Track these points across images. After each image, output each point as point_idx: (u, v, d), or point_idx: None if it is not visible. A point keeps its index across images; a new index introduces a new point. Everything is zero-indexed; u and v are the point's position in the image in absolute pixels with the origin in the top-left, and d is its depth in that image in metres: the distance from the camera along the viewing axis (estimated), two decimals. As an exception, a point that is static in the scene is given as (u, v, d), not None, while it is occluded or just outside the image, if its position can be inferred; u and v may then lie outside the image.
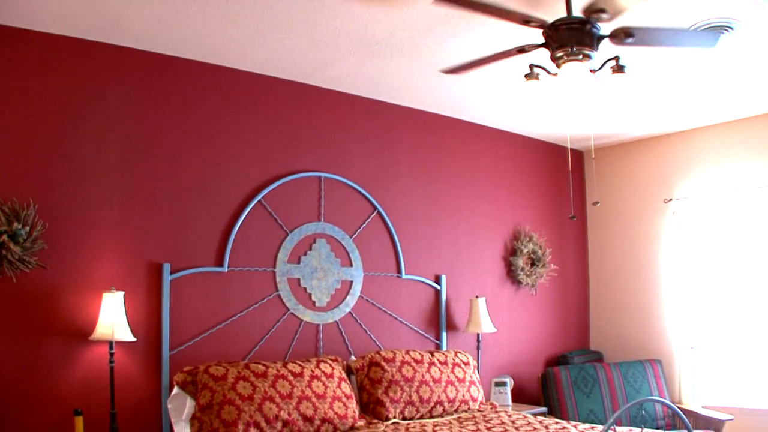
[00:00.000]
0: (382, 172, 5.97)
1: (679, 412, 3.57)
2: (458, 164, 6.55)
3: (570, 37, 3.73)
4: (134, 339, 4.43)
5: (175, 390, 4.46)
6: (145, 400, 4.66)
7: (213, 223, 5.03)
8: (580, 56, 3.75)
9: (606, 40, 3.83)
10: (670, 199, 6.91)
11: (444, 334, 6.20)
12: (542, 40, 3.90)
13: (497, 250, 6.80)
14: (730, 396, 6.50)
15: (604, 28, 3.83)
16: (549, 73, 4.01)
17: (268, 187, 5.25)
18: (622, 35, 3.75)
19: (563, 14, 3.83)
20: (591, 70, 3.86)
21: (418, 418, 5.14)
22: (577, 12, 3.82)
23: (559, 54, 3.81)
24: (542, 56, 4.09)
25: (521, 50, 4.05)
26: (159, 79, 4.88)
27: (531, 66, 4.07)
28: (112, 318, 4.28)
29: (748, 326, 6.39)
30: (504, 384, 6.10)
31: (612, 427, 4.35)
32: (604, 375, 6.36)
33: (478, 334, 6.24)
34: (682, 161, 6.88)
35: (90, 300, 4.45)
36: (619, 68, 3.92)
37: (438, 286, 6.21)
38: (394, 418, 5.00)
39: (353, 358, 5.43)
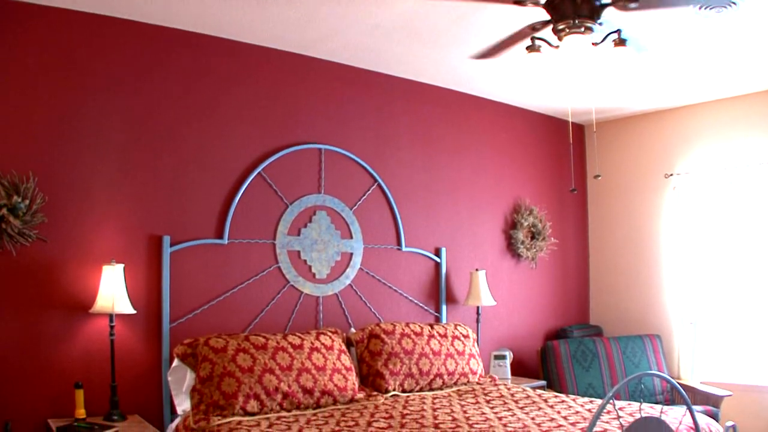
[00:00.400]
0: (383, 144, 5.95)
1: (678, 387, 3.58)
2: (459, 137, 6.53)
3: (571, 10, 3.70)
4: (134, 312, 4.43)
5: (175, 362, 4.48)
6: (146, 372, 4.68)
7: (213, 195, 5.01)
8: (582, 29, 3.72)
9: (610, 8, 3.78)
10: (671, 174, 6.89)
11: (444, 307, 6.21)
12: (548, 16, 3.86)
13: (497, 224, 6.80)
14: (728, 372, 6.52)
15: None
16: (551, 45, 3.98)
17: (269, 159, 5.23)
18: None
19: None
20: (593, 44, 3.83)
21: (417, 391, 5.15)
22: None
23: (561, 26, 3.78)
24: (545, 29, 4.06)
25: (533, 28, 4.02)
26: (159, 51, 4.84)
27: (533, 38, 4.04)
28: (112, 291, 4.28)
29: (747, 302, 6.40)
30: (503, 357, 6.12)
31: (611, 401, 4.38)
32: (604, 349, 6.38)
33: (477, 307, 6.25)
34: (684, 136, 6.85)
35: (90, 273, 4.45)
36: (621, 41, 3.89)
37: (438, 259, 6.21)
38: (394, 390, 5.02)
39: (353, 330, 5.44)
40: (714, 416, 5.29)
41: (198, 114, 4.97)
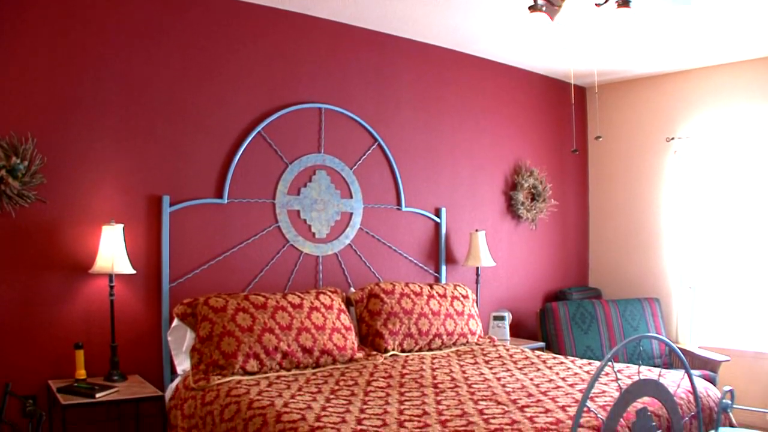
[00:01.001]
0: (383, 104, 5.91)
1: (677, 350, 3.59)
2: (460, 97, 6.48)
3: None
4: (134, 272, 4.43)
5: (175, 322, 4.49)
6: (145, 332, 4.69)
7: (212, 154, 4.99)
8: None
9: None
10: (672, 138, 6.86)
11: (443, 267, 6.21)
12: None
13: (498, 185, 6.78)
14: (726, 337, 6.55)
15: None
16: (554, 5, 3.92)
17: (268, 119, 5.19)
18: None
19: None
20: (596, 4, 3.78)
21: (416, 351, 5.18)
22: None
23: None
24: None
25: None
26: (158, 12, 4.77)
27: (535, -1, 3.99)
28: (112, 251, 4.28)
29: (746, 268, 6.41)
30: (502, 318, 6.14)
31: (609, 363, 4.40)
32: (602, 312, 6.39)
33: (477, 268, 6.25)
34: (686, 100, 6.80)
35: (89, 233, 4.44)
36: (624, 2, 3.83)
37: (438, 219, 6.20)
38: (393, 350, 5.04)
39: (352, 289, 5.45)
40: (711, 381, 5.32)
41: (198, 73, 4.92)
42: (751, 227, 6.36)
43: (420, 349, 5.21)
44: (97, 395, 3.95)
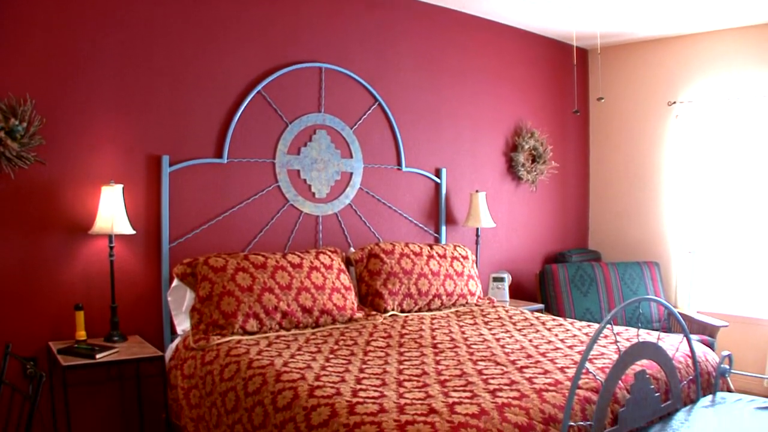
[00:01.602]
0: (384, 64, 5.86)
1: (676, 313, 3.60)
2: (461, 58, 6.42)
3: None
4: (134, 232, 4.43)
5: (175, 282, 4.50)
6: (145, 293, 4.70)
7: (212, 114, 4.96)
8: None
9: None
10: (674, 102, 6.81)
11: (443, 228, 6.21)
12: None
13: (498, 146, 6.75)
14: (724, 303, 6.56)
15: None
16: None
17: (268, 78, 5.15)
18: None
19: None
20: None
21: (416, 311, 5.19)
22: None
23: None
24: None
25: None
26: (156, -36, 4.74)
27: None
28: (112, 211, 4.27)
29: (746, 234, 6.40)
30: (502, 280, 6.15)
31: (608, 326, 4.42)
32: (602, 274, 6.40)
33: (477, 229, 6.25)
34: (688, 65, 6.74)
35: (89, 194, 4.43)
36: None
37: (438, 180, 6.19)
38: (393, 310, 5.05)
39: (352, 249, 5.46)
40: (710, 346, 5.34)
41: (197, 32, 4.87)
42: (751, 193, 6.34)
43: (419, 310, 5.22)
44: (98, 356, 3.96)
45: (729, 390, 3.98)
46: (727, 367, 3.81)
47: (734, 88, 6.37)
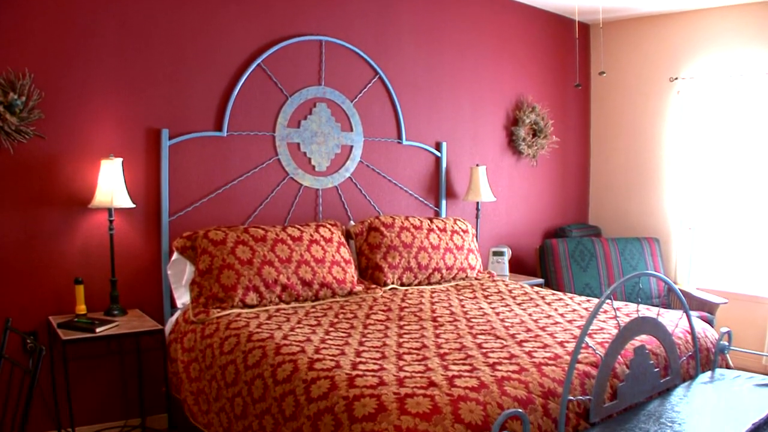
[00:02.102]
0: (384, 37, 5.82)
1: (676, 288, 3.60)
2: (462, 31, 6.37)
3: None
4: (133, 206, 4.43)
5: (175, 256, 4.50)
6: (145, 266, 4.70)
7: (212, 87, 4.93)
8: None
9: None
10: (676, 78, 6.76)
11: (443, 202, 6.20)
12: None
13: (499, 120, 6.72)
14: (724, 280, 6.56)
15: None
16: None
17: (268, 51, 5.11)
18: None
19: None
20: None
21: (416, 285, 5.20)
22: None
23: None
24: None
25: None
26: (154, -65, 4.69)
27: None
28: (111, 185, 4.26)
29: (746, 211, 6.38)
30: (502, 254, 6.14)
31: (608, 301, 4.42)
32: (602, 250, 6.39)
33: (477, 203, 6.24)
34: (691, 41, 6.68)
35: (88, 168, 4.42)
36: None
37: (438, 153, 6.17)
38: (392, 283, 5.06)
39: (352, 223, 5.45)
40: (709, 323, 5.35)
41: (197, 5, 4.82)
42: (752, 171, 6.31)
43: (419, 283, 5.23)
44: (98, 330, 3.97)
45: (728, 367, 3.99)
46: (727, 343, 3.81)
47: (736, 65, 6.33)
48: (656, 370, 3.30)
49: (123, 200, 4.30)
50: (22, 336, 3.75)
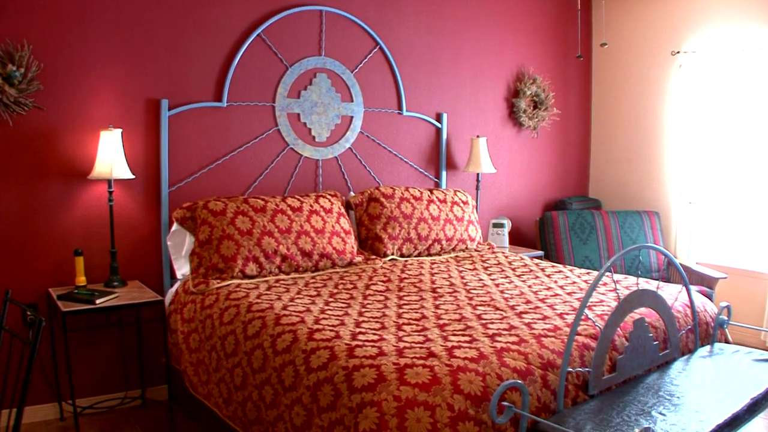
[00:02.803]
0: (385, 7, 5.76)
1: (676, 262, 3.60)
2: (463, 2, 6.31)
3: None
4: (133, 176, 4.43)
5: (175, 226, 4.50)
6: (145, 237, 4.70)
7: (211, 57, 4.90)
8: None
9: None
10: (678, 52, 6.70)
11: (443, 173, 6.19)
12: None
13: (500, 91, 6.68)
14: (723, 254, 6.55)
15: None
16: None
17: (268, 21, 5.08)
18: None
19: None
20: None
21: (415, 256, 5.20)
22: None
23: None
24: None
25: None
26: None
27: None
28: (111, 156, 4.25)
29: (746, 187, 6.35)
30: (502, 226, 6.14)
31: (608, 274, 4.42)
32: (602, 222, 6.38)
33: (477, 174, 6.23)
34: (693, 14, 6.60)
35: (88, 139, 4.41)
36: None
37: (439, 125, 6.14)
38: (392, 254, 5.06)
39: (352, 193, 5.44)
40: (708, 297, 5.34)
41: (195, -28, 4.81)
42: (752, 146, 6.27)
43: (419, 254, 5.23)
44: (97, 301, 3.98)
45: (727, 342, 3.99)
46: (726, 318, 3.81)
47: (739, 39, 6.26)
48: (655, 343, 3.31)
49: (122, 171, 4.30)
50: (22, 308, 3.75)
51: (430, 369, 2.64)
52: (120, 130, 4.37)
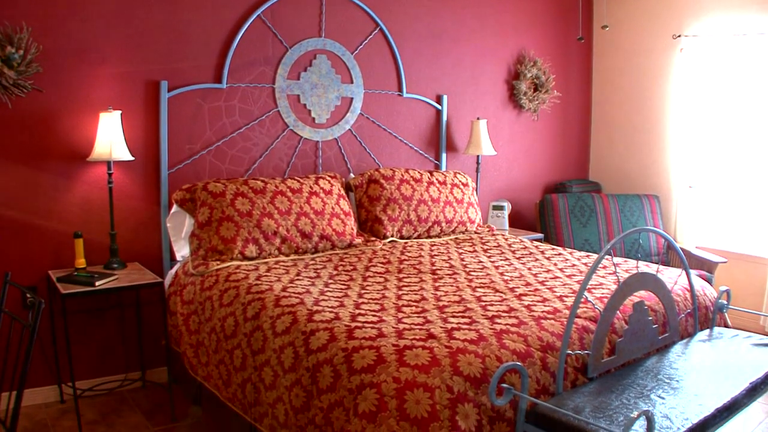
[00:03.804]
0: (386, -13, 5.76)
1: (676, 245, 3.59)
2: (465, -19, 6.31)
3: None
4: (132, 158, 4.42)
5: (174, 208, 4.49)
6: (145, 220, 4.70)
7: (211, 39, 4.88)
8: None
9: None
10: (679, 36, 6.67)
11: (444, 155, 6.18)
12: None
13: (500, 74, 6.65)
14: (723, 239, 6.53)
15: None
16: None
17: (268, 2, 5.05)
18: None
19: None
20: None
21: (415, 238, 5.20)
22: None
23: None
24: None
25: None
26: None
27: None
28: (110, 138, 4.24)
29: (747, 172, 6.33)
30: (502, 208, 6.13)
31: (607, 257, 4.42)
32: (602, 206, 6.37)
33: (477, 156, 6.22)
34: (695, -2, 6.60)
35: (87, 121, 4.40)
36: None
37: (439, 107, 6.13)
38: (392, 236, 5.06)
39: (352, 175, 5.43)
40: (708, 281, 5.34)
41: (194, -48, 4.78)
42: (753, 131, 6.25)
43: (419, 236, 5.23)
44: (97, 283, 3.99)
45: (726, 326, 3.99)
46: (725, 302, 3.81)
47: (741, 24, 6.23)
48: (655, 326, 3.31)
49: (122, 153, 4.29)
50: (21, 290, 3.76)
51: (429, 351, 2.64)
52: (119, 112, 4.36)
